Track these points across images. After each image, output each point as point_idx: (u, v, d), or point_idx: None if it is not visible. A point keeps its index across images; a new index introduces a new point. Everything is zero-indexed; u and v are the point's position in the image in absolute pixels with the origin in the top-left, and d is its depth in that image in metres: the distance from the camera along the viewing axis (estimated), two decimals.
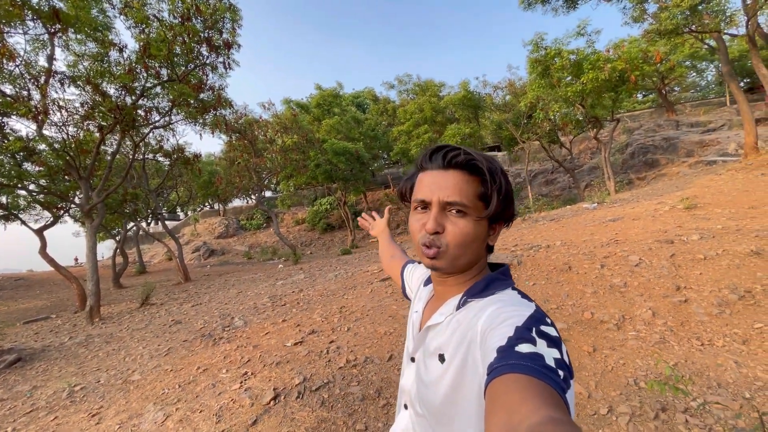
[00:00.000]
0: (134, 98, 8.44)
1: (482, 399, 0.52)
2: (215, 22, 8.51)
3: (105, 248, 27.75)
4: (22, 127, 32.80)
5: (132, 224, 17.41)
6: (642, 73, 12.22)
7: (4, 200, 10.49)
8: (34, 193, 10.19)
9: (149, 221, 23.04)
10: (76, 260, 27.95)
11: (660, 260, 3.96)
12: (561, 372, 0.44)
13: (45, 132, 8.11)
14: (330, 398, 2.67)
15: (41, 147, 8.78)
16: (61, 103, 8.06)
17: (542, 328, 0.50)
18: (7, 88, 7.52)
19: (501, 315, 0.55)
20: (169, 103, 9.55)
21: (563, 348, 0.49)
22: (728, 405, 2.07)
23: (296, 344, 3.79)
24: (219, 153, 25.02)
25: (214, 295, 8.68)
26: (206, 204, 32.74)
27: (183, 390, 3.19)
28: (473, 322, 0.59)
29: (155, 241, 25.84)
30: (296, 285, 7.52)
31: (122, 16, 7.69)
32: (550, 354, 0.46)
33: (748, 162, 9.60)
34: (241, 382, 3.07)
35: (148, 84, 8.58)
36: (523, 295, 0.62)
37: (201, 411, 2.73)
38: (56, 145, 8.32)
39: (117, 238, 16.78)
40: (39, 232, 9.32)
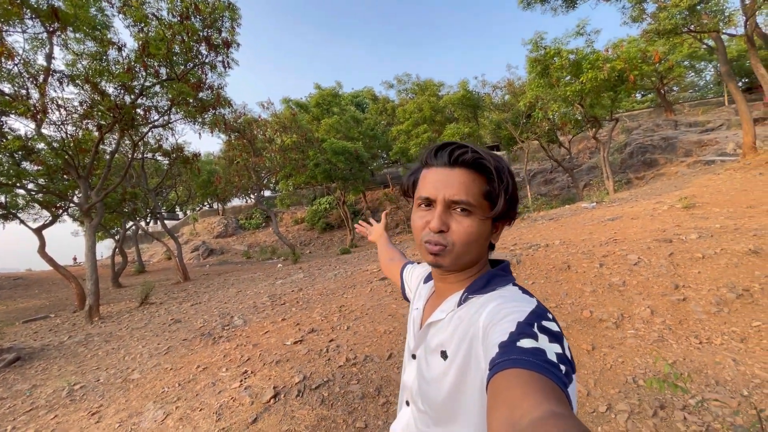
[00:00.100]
0: (133, 97, 8.42)
1: (484, 394, 0.52)
2: (214, 21, 8.49)
3: (104, 247, 27.69)
4: (21, 126, 32.67)
5: (131, 223, 17.40)
6: (641, 73, 12.24)
7: (3, 199, 10.46)
8: (33, 192, 10.18)
9: (148, 220, 22.98)
10: (75, 260, 27.89)
11: (659, 259, 3.97)
12: (563, 367, 0.45)
13: (44, 131, 8.10)
14: (330, 396, 2.67)
15: (40, 146, 8.77)
16: (60, 102, 8.05)
17: (544, 324, 0.51)
18: (6, 87, 7.51)
19: (502, 311, 0.55)
20: (168, 102, 9.54)
21: (565, 343, 0.49)
22: (726, 402, 2.08)
23: (296, 343, 3.79)
24: (218, 152, 25.02)
25: (214, 295, 8.68)
26: (205, 203, 32.70)
27: (183, 388, 3.19)
28: (475, 318, 0.59)
29: (154, 241, 25.79)
30: (295, 284, 7.52)
31: (121, 15, 7.67)
32: (552, 349, 0.46)
33: (747, 161, 9.63)
34: (241, 381, 3.07)
35: (147, 83, 8.57)
36: (524, 291, 0.63)
37: (201, 409, 2.74)
38: (55, 144, 8.31)
39: (116, 238, 16.76)
40: (38, 232, 9.30)
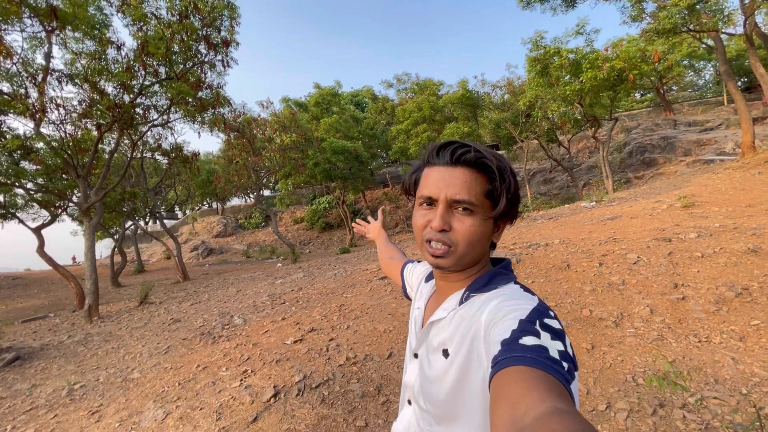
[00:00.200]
0: (132, 96, 8.40)
1: (486, 392, 0.53)
2: (213, 20, 8.48)
3: (103, 247, 27.64)
4: (20, 126, 32.59)
5: (130, 223, 17.37)
6: (640, 73, 12.23)
7: (2, 199, 10.44)
8: (32, 192, 10.16)
9: (147, 220, 22.98)
10: (74, 259, 27.82)
11: (658, 258, 3.98)
12: (565, 364, 0.45)
13: (42, 130, 8.08)
14: (330, 395, 2.68)
15: (39, 145, 8.75)
16: (59, 101, 8.04)
17: (546, 321, 0.51)
18: (5, 86, 7.50)
19: (504, 308, 0.55)
20: (168, 102, 9.53)
21: (567, 340, 0.49)
22: (725, 401, 2.09)
23: (296, 342, 3.79)
24: (217, 151, 25.02)
25: (213, 294, 8.67)
26: (205, 203, 32.68)
27: (183, 388, 3.19)
28: (476, 317, 0.59)
29: (153, 240, 25.76)
30: (295, 283, 7.52)
31: (120, 14, 7.66)
32: (554, 346, 0.46)
33: (746, 161, 9.65)
34: (241, 380, 3.08)
35: (147, 82, 8.55)
36: (526, 289, 0.62)
37: (201, 408, 2.74)
38: (54, 144, 8.29)
39: (115, 237, 16.73)
40: (37, 231, 9.28)
